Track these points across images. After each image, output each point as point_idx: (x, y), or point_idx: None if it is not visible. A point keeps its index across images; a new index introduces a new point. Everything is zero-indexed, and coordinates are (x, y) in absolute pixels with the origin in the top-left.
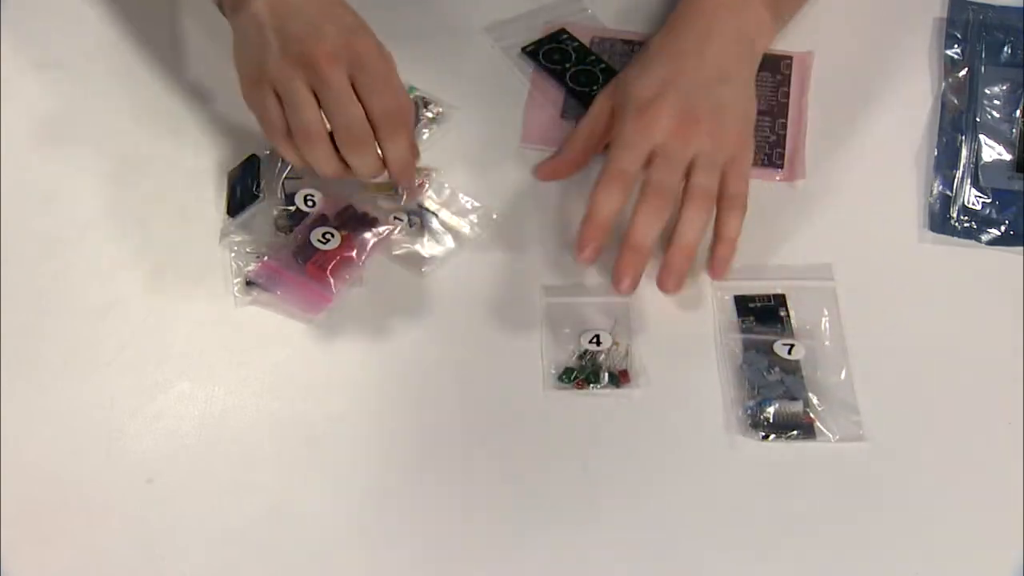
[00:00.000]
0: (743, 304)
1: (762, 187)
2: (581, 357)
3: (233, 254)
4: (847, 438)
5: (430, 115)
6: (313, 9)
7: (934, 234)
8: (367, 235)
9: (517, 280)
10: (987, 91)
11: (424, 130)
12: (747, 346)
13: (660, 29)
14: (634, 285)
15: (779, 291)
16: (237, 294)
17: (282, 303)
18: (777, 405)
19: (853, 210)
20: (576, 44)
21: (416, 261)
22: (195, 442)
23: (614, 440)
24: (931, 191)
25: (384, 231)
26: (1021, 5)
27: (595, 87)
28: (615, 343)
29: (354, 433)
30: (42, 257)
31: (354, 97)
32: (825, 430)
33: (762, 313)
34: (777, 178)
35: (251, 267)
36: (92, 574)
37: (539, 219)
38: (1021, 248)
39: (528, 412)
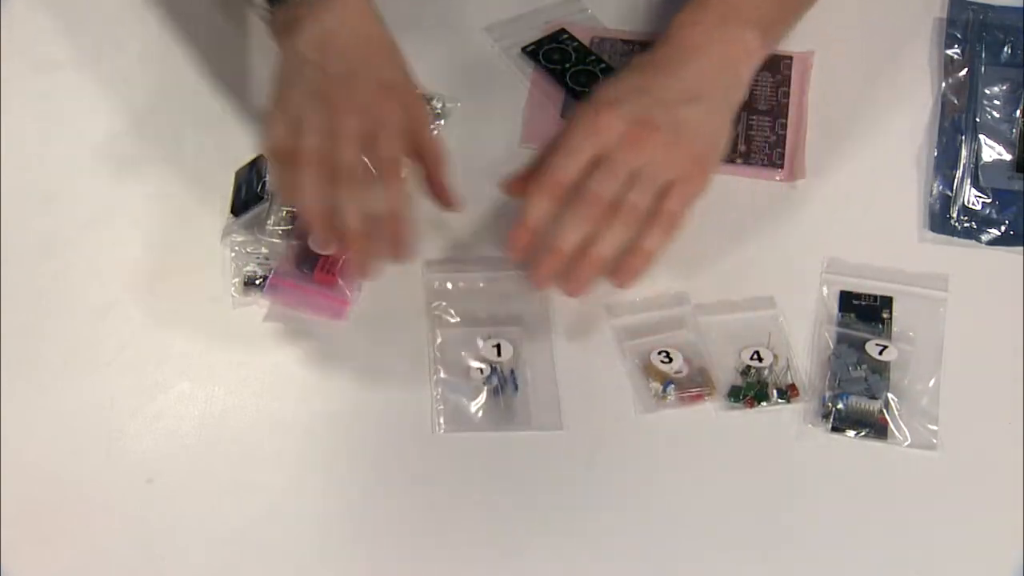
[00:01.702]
0: (848, 300)
1: (762, 187)
2: (745, 373)
3: (233, 254)
4: (919, 445)
5: (434, 112)
6: (356, 53)
7: (934, 234)
8: None
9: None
10: (987, 91)
11: (433, 129)
12: (840, 339)
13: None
14: (549, 283)
15: (888, 293)
16: (235, 294)
17: (307, 314)
18: (853, 400)
19: (853, 210)
20: (576, 44)
21: None
22: (195, 442)
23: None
24: (931, 191)
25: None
26: (1021, 5)
27: (595, 87)
28: (776, 357)
29: (354, 433)
30: (42, 257)
31: (359, 150)
32: (898, 433)
33: (865, 311)
34: (777, 178)
35: (259, 280)
36: (92, 574)
37: None
38: (1021, 248)
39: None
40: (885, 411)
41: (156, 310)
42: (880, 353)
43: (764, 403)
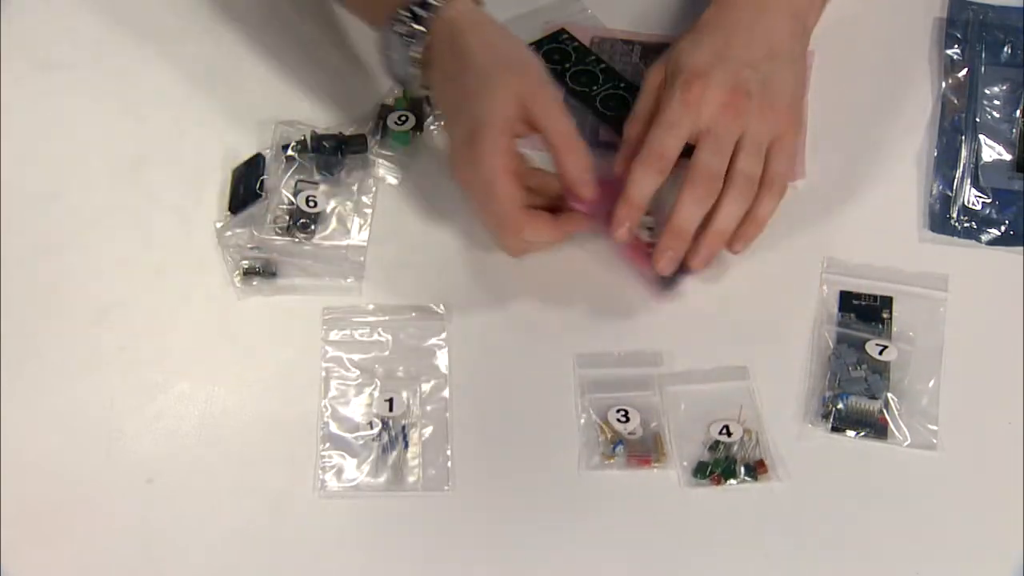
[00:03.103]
0: (848, 299)
1: None
2: (713, 449)
3: (231, 248)
4: (919, 445)
5: (434, 112)
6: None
7: (934, 234)
8: None
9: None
10: (987, 91)
11: (433, 128)
12: (840, 339)
13: (712, 2)
14: (673, 266)
15: (888, 293)
16: (238, 284)
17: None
18: (853, 400)
19: (853, 210)
20: (576, 44)
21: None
22: (195, 442)
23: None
24: (931, 191)
25: None
26: (1021, 5)
27: (595, 87)
28: (746, 432)
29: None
30: (42, 257)
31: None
32: (898, 433)
33: (864, 311)
34: None
35: (259, 269)
36: (92, 574)
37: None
38: (1021, 248)
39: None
40: (885, 411)
41: (156, 310)
42: (880, 353)
43: (732, 480)
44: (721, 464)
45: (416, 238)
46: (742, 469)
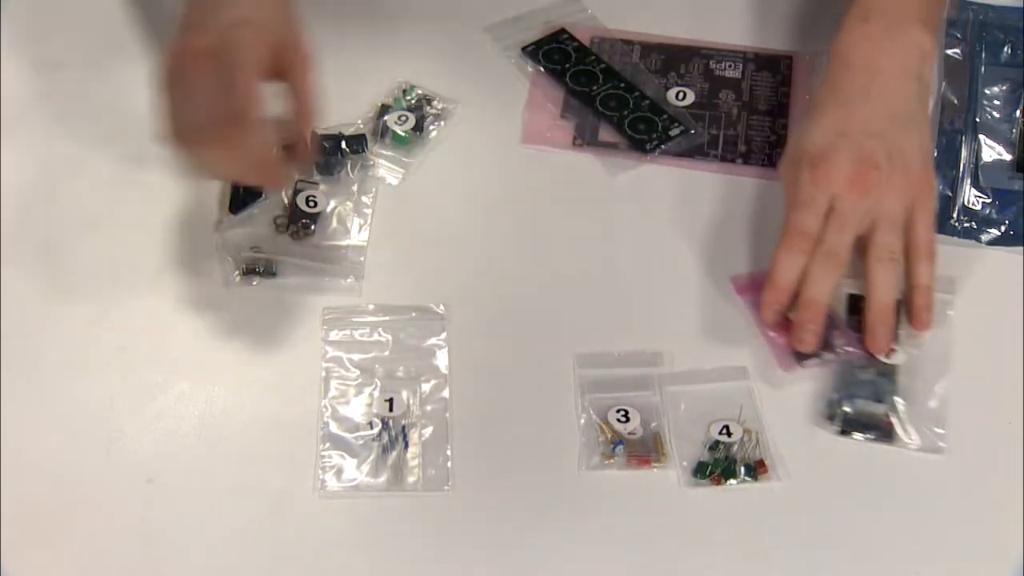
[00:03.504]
0: (855, 302)
1: (762, 187)
2: (713, 449)
3: (231, 248)
4: (926, 449)
5: (434, 112)
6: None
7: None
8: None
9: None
10: (987, 91)
11: (431, 128)
12: (848, 342)
13: (822, 79)
14: (814, 340)
15: (895, 296)
16: (238, 284)
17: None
18: (860, 403)
19: None
20: (576, 44)
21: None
22: (195, 442)
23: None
24: None
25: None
26: (1021, 5)
27: (595, 87)
28: (746, 431)
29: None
30: (42, 257)
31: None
32: (905, 436)
33: None
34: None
35: (259, 268)
36: (92, 574)
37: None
38: (1021, 248)
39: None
40: (892, 414)
41: (156, 310)
42: (888, 356)
43: (732, 480)
44: (721, 464)
45: (416, 238)
46: (742, 469)
